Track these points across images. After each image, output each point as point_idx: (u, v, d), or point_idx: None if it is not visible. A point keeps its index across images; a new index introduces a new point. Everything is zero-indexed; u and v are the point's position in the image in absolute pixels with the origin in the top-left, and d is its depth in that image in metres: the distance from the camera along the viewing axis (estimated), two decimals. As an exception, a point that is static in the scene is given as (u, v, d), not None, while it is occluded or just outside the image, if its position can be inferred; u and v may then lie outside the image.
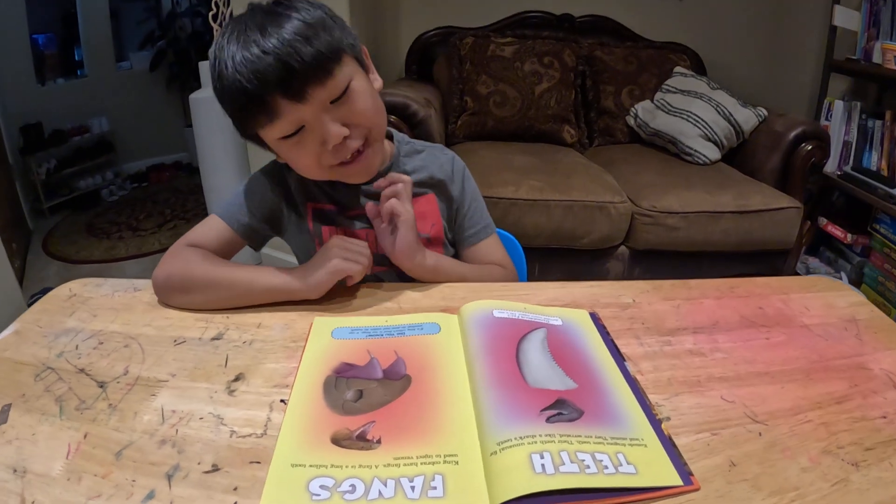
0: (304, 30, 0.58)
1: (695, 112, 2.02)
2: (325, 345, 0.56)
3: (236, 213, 0.73)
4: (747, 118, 2.00)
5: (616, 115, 2.25)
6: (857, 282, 1.98)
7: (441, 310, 0.63)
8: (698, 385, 0.52)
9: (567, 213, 1.71)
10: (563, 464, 0.40)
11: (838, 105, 2.09)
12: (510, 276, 0.81)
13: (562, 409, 0.46)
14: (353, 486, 0.39)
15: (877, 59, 1.94)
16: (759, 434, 0.46)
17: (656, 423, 0.46)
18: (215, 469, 0.42)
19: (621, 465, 0.41)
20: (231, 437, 0.45)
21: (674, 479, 0.41)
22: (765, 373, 0.54)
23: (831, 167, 2.09)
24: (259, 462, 0.42)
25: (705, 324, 0.62)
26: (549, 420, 0.44)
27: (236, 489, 0.40)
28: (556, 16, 2.45)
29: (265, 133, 0.63)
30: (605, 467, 0.40)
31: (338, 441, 0.43)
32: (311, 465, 0.41)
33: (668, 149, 2.11)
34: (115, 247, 2.70)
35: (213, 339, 0.58)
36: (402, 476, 0.40)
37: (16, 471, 0.41)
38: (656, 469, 0.41)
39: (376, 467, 0.41)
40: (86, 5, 3.34)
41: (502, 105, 2.15)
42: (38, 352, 0.56)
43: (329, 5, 0.65)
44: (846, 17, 2.06)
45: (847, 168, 2.05)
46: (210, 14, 1.98)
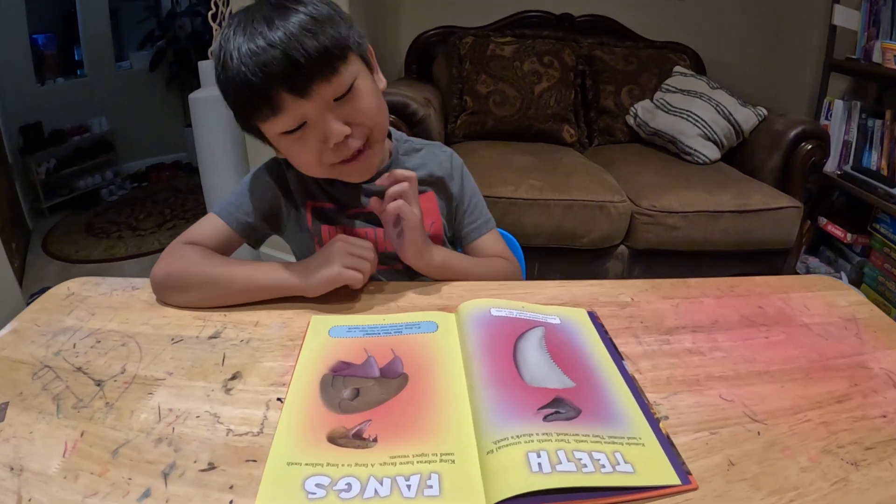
0: (310, 24, 0.58)
1: (694, 111, 2.02)
2: (323, 343, 0.56)
3: (234, 211, 0.73)
4: (747, 118, 2.00)
5: (616, 115, 2.25)
6: (857, 281, 1.98)
7: (439, 308, 0.63)
8: (697, 384, 0.52)
9: (567, 213, 1.71)
10: (560, 463, 0.39)
11: (838, 104, 2.09)
12: (514, 269, 0.81)
13: (559, 407, 0.46)
14: (349, 484, 0.39)
15: (877, 58, 1.94)
16: (759, 433, 0.45)
17: (654, 422, 0.46)
18: (211, 467, 0.41)
19: (619, 464, 0.40)
20: (227, 435, 0.45)
21: (672, 478, 0.40)
22: (764, 372, 0.54)
23: (831, 167, 2.09)
24: (255, 460, 0.42)
25: (704, 323, 0.62)
26: (546, 419, 0.44)
27: (232, 487, 0.40)
28: (556, 15, 2.45)
29: (266, 127, 0.63)
30: (603, 466, 0.40)
31: (334, 439, 0.43)
32: (307, 464, 0.41)
33: (667, 148, 2.11)
34: (115, 246, 2.70)
35: (211, 337, 0.58)
36: (398, 475, 0.40)
37: (13, 469, 0.41)
38: (654, 468, 0.41)
39: (372, 466, 0.41)
40: (85, 5, 3.34)
41: (502, 104, 2.15)
42: (36, 350, 0.56)
43: (329, 4, 0.64)
44: (846, 17, 2.06)
45: (847, 167, 2.05)
46: (209, 14, 1.98)
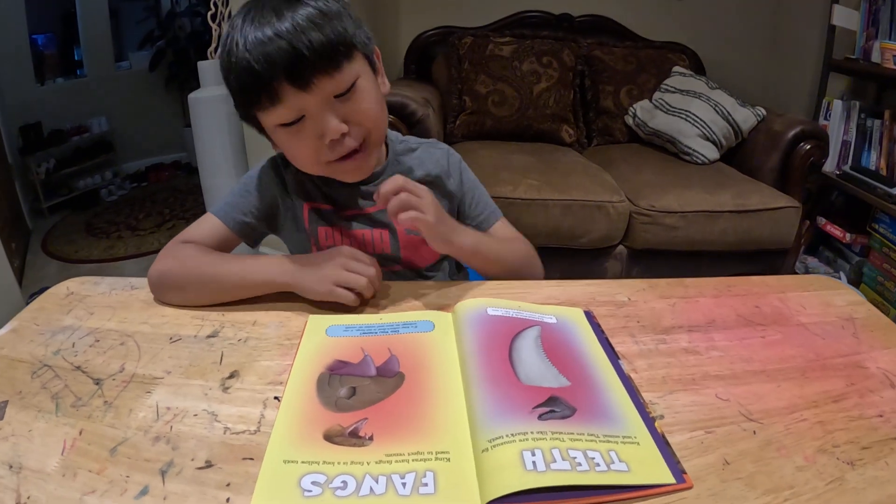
0: (318, 18, 0.58)
1: (693, 112, 2.02)
2: (320, 342, 0.56)
3: (231, 210, 0.73)
4: (746, 118, 2.00)
5: (615, 115, 2.25)
6: (856, 281, 1.98)
7: (435, 308, 0.63)
8: (693, 383, 0.52)
9: (565, 213, 1.71)
10: (555, 461, 0.39)
11: (837, 104, 2.09)
12: (533, 251, 0.80)
13: (554, 406, 0.46)
14: (344, 482, 0.39)
15: (875, 58, 1.94)
16: (754, 432, 0.45)
17: (650, 420, 0.46)
18: (209, 465, 0.42)
19: (613, 462, 0.41)
20: (225, 433, 0.45)
21: (666, 477, 0.40)
22: (761, 371, 0.54)
23: (830, 166, 2.09)
24: (252, 458, 0.42)
25: (701, 322, 0.62)
26: (541, 417, 0.44)
27: (229, 485, 0.40)
28: (555, 15, 2.45)
29: (264, 117, 0.63)
30: (597, 465, 0.40)
31: (330, 438, 0.43)
32: (303, 462, 0.41)
33: (666, 148, 2.11)
34: (114, 246, 2.70)
35: (209, 336, 0.58)
36: (393, 473, 0.40)
37: (11, 467, 0.41)
38: (649, 467, 0.41)
39: (368, 464, 0.41)
40: (85, 5, 3.34)
41: (501, 105, 2.15)
42: (35, 349, 0.56)
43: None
44: (845, 17, 2.06)
45: (846, 167, 2.05)
46: (209, 14, 1.99)
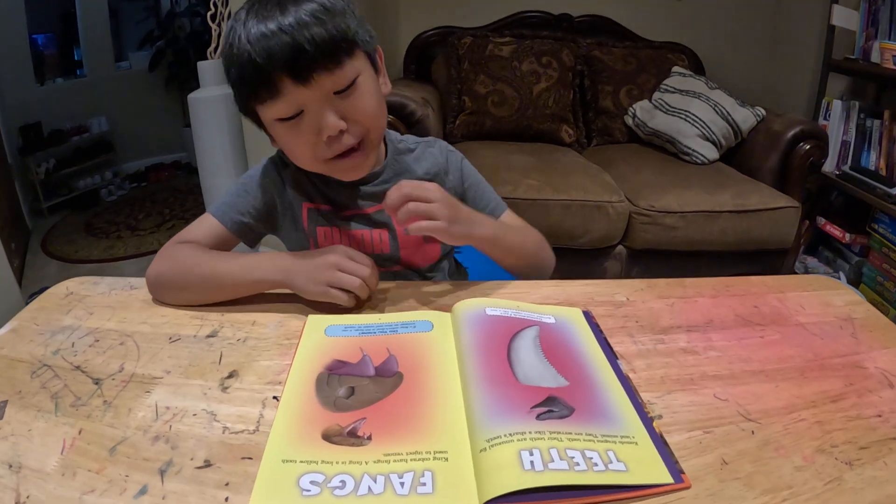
0: (321, 13, 0.58)
1: (693, 112, 2.02)
2: (319, 342, 0.56)
3: (229, 210, 0.73)
4: (745, 118, 2.00)
5: (614, 115, 2.25)
6: (855, 281, 1.98)
7: (434, 308, 0.63)
8: (691, 383, 0.52)
9: (565, 213, 1.72)
10: (553, 461, 0.40)
11: (837, 104, 2.09)
12: (543, 238, 0.80)
13: (552, 406, 0.46)
14: (342, 481, 0.39)
15: (875, 58, 1.94)
16: (752, 432, 0.45)
17: (648, 420, 0.46)
18: (207, 465, 0.42)
19: (611, 462, 0.41)
20: (224, 433, 0.45)
21: (664, 476, 0.40)
22: (759, 371, 0.54)
23: (830, 167, 2.09)
24: (251, 458, 0.42)
25: (699, 322, 0.62)
26: (539, 417, 0.44)
27: (228, 484, 0.40)
28: (555, 15, 2.45)
29: (263, 111, 0.63)
30: (595, 465, 0.40)
31: (329, 437, 0.43)
32: (301, 461, 0.41)
33: (666, 148, 2.11)
34: (114, 246, 2.70)
35: (208, 336, 0.58)
36: (391, 472, 0.40)
37: (11, 466, 0.41)
38: (647, 467, 0.41)
39: (366, 463, 0.41)
40: (85, 5, 3.34)
41: (500, 105, 2.15)
42: (35, 349, 0.56)
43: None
44: (844, 17, 2.06)
45: (845, 167, 2.05)
46: (209, 14, 1.99)
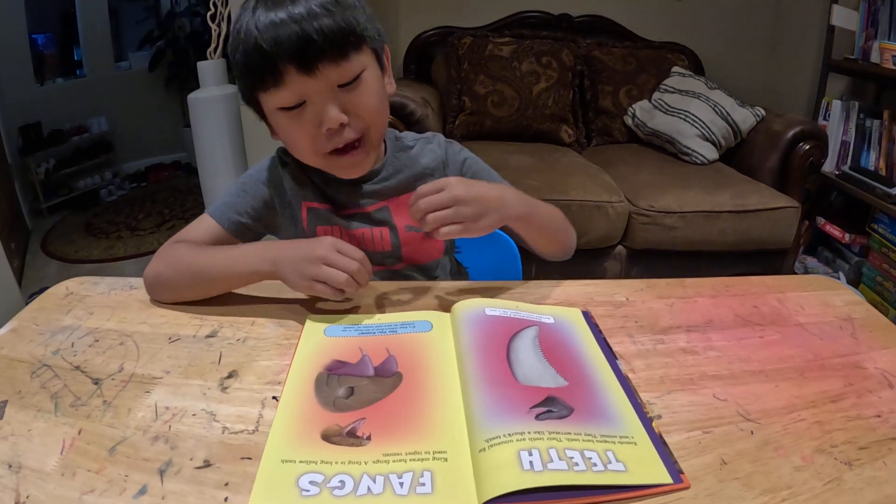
0: (331, 4, 0.58)
1: (692, 112, 2.02)
2: (318, 342, 0.56)
3: (227, 211, 0.73)
4: (745, 118, 2.00)
5: (614, 115, 2.25)
6: (855, 282, 1.98)
7: (434, 308, 0.63)
8: (691, 383, 0.52)
9: (564, 213, 1.71)
10: (552, 461, 0.40)
11: (836, 105, 2.09)
12: (564, 217, 0.81)
13: (551, 406, 0.46)
14: (342, 482, 0.39)
15: (875, 58, 1.94)
16: (752, 433, 0.46)
17: (647, 420, 0.46)
18: (207, 465, 0.42)
19: (610, 462, 0.41)
20: (223, 433, 0.45)
21: (664, 477, 0.40)
22: (759, 371, 0.54)
23: (829, 167, 2.09)
24: (250, 458, 0.42)
25: (699, 322, 0.62)
26: (538, 417, 0.44)
27: (227, 484, 0.40)
28: (555, 16, 2.45)
29: (266, 99, 0.63)
30: (594, 465, 0.40)
31: (328, 437, 0.43)
32: (301, 461, 0.41)
33: (665, 148, 2.11)
34: (114, 246, 2.70)
35: (208, 336, 0.58)
36: (390, 472, 0.40)
37: (11, 466, 0.41)
38: (646, 467, 0.41)
39: (365, 463, 0.41)
40: (85, 5, 3.34)
41: (500, 105, 2.15)
42: (35, 349, 0.56)
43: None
44: (844, 17, 2.06)
45: (845, 168, 2.05)
46: (209, 14, 1.99)
